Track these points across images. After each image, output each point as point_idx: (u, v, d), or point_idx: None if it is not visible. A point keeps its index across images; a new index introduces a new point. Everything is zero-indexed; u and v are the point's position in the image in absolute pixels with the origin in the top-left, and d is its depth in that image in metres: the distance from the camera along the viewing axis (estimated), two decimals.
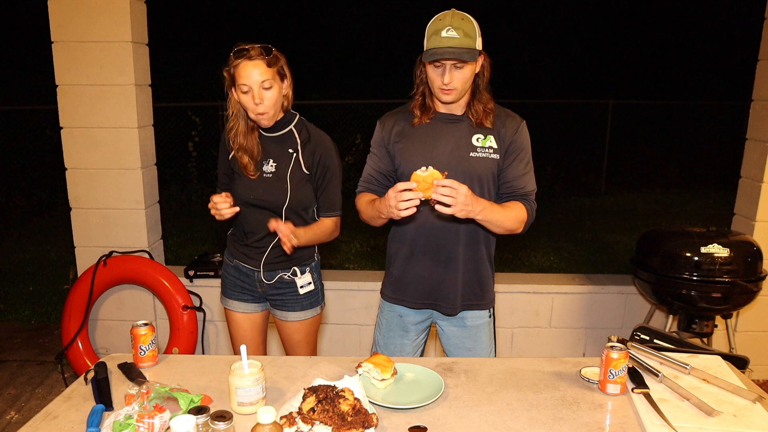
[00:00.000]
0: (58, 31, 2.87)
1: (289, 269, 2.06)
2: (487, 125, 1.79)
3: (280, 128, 1.97)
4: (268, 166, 1.97)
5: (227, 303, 2.17)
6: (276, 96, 1.86)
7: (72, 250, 3.16)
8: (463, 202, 1.54)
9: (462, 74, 1.69)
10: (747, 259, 2.51)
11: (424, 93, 1.82)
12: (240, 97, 1.86)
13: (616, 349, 1.45)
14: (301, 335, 2.15)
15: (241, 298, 2.14)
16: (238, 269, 2.11)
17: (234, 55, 1.83)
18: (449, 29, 1.64)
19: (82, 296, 3.02)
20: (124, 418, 1.24)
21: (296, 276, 2.07)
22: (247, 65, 1.80)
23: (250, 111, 1.87)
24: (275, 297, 2.11)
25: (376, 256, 5.24)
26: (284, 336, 2.19)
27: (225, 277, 2.17)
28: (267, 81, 1.82)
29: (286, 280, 2.07)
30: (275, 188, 1.96)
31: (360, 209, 1.90)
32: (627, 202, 7.79)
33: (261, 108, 1.84)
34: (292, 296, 2.09)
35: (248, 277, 2.10)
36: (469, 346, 1.94)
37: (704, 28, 11.06)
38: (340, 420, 1.24)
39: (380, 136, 1.88)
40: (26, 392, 3.08)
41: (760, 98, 2.97)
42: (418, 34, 1.78)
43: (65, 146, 3.00)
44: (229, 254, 2.15)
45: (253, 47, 1.82)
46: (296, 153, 1.97)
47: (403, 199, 1.53)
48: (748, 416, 1.36)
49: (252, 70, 1.80)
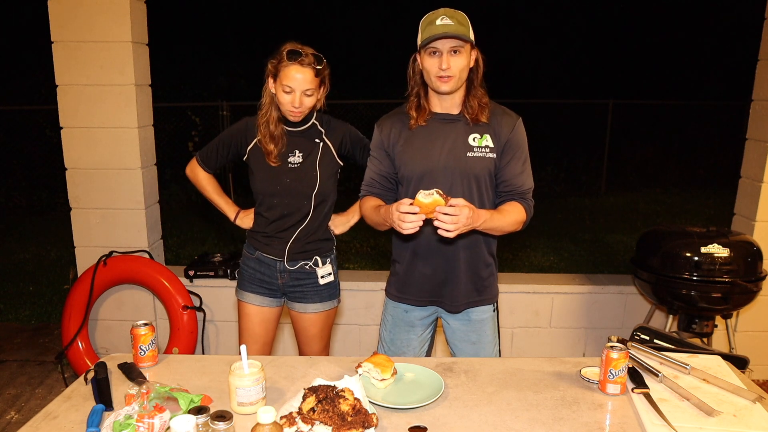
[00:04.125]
0: (58, 31, 2.87)
1: (311, 259, 2.13)
2: (483, 120, 1.80)
3: (304, 122, 2.06)
4: (294, 158, 2.04)
5: (243, 295, 2.20)
6: (312, 102, 1.97)
7: (72, 250, 3.16)
8: (464, 224, 1.56)
9: (459, 61, 1.71)
10: (747, 259, 2.51)
11: (419, 93, 1.83)
12: (279, 94, 1.93)
13: (616, 349, 1.45)
14: (318, 328, 2.20)
15: (259, 291, 2.18)
16: (260, 261, 2.15)
17: (287, 54, 1.89)
18: (443, 17, 1.69)
19: (82, 296, 3.01)
20: (124, 418, 1.24)
21: (317, 266, 2.14)
22: (297, 70, 1.88)
23: (285, 109, 1.96)
24: (294, 288, 2.16)
25: (376, 256, 5.24)
26: (300, 330, 2.22)
27: (244, 270, 2.20)
28: (310, 90, 1.91)
29: (308, 270, 2.14)
30: (305, 176, 2.05)
31: (364, 214, 1.91)
32: (627, 202, 7.79)
33: (298, 110, 1.94)
34: (311, 287, 2.15)
35: (269, 268, 2.14)
36: (473, 339, 1.95)
37: (704, 28, 11.06)
38: (340, 420, 1.24)
39: (379, 140, 1.90)
40: (26, 392, 3.08)
41: (760, 98, 2.97)
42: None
43: (65, 146, 3.00)
44: (251, 247, 2.18)
45: (307, 54, 1.89)
46: (322, 142, 2.07)
47: (407, 220, 1.55)
48: (748, 416, 1.36)
49: (299, 76, 1.88)
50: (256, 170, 2.07)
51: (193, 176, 2.21)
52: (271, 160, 2.02)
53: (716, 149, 8.67)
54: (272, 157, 2.02)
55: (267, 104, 2.01)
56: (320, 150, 2.07)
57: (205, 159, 2.16)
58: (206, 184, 2.21)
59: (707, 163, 8.80)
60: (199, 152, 2.18)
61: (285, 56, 1.89)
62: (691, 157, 8.90)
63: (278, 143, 2.02)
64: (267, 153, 2.02)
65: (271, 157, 2.02)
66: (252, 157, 2.07)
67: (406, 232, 1.57)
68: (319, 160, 2.06)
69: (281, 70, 1.90)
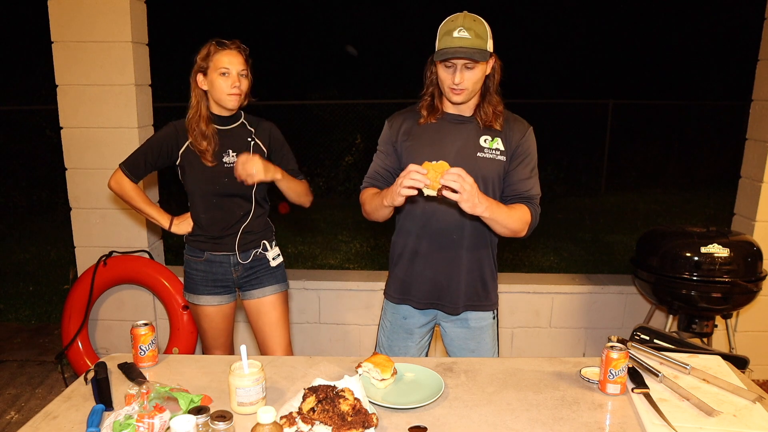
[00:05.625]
0: (58, 31, 2.87)
1: (260, 245, 2.22)
2: (496, 128, 1.79)
3: (234, 121, 2.14)
4: (228, 157, 2.09)
5: (197, 299, 2.23)
6: (247, 86, 2.07)
7: (72, 250, 3.16)
8: (470, 191, 1.54)
9: (473, 75, 1.70)
10: (747, 259, 2.51)
11: (434, 94, 1.82)
12: (215, 81, 2.01)
13: (616, 349, 1.45)
14: (278, 311, 2.26)
15: (213, 291, 2.22)
16: (210, 261, 2.19)
17: (216, 44, 2.02)
18: (461, 30, 1.65)
19: (82, 296, 3.01)
20: (124, 418, 1.24)
21: (267, 250, 2.24)
22: (229, 53, 2.01)
23: (224, 93, 2.01)
24: (249, 278, 2.22)
25: (376, 256, 5.24)
26: (260, 318, 2.26)
27: (192, 274, 2.23)
28: (244, 71, 2.04)
29: (258, 256, 2.22)
30: None
31: (363, 201, 1.90)
32: (627, 202, 7.79)
33: (236, 90, 2.01)
34: (265, 271, 2.24)
35: (221, 266, 2.19)
36: (472, 347, 1.94)
37: (704, 28, 11.06)
38: (340, 420, 1.24)
39: (388, 135, 1.89)
40: (26, 392, 3.08)
41: (760, 98, 2.97)
42: (419, 34, 1.79)
43: (65, 146, 3.00)
44: (196, 250, 2.21)
45: (233, 41, 2.04)
46: (253, 140, 2.15)
47: (410, 177, 1.54)
48: (748, 416, 1.36)
49: (233, 59, 2.01)
50: (192, 172, 2.09)
51: (118, 188, 2.16)
52: (206, 159, 2.05)
53: (716, 149, 8.67)
54: (207, 155, 2.05)
55: (196, 104, 2.07)
56: (251, 149, 2.12)
57: (131, 168, 2.13)
58: (135, 195, 2.17)
59: (707, 163, 8.79)
60: (122, 163, 2.14)
61: (214, 45, 2.02)
62: (691, 157, 8.90)
63: (211, 142, 2.06)
64: (201, 153, 2.05)
65: (206, 156, 2.05)
66: (185, 159, 2.09)
67: (403, 192, 1.55)
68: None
69: (212, 59, 2.00)
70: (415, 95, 1.90)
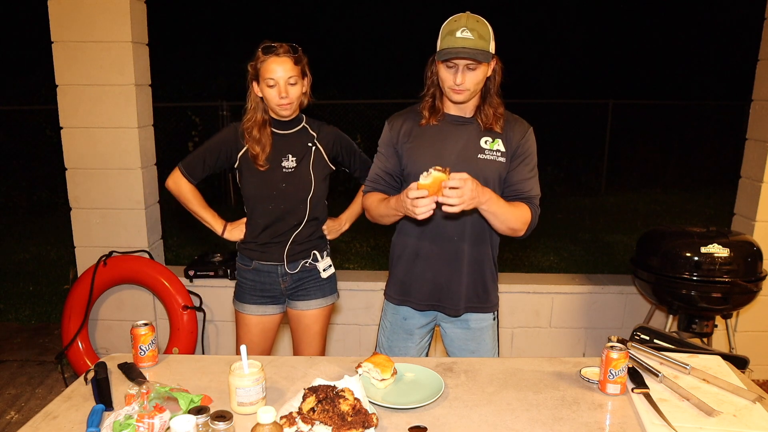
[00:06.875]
0: (58, 31, 2.87)
1: (310, 255, 2.14)
2: (497, 130, 1.79)
3: (295, 125, 2.08)
4: (288, 162, 2.04)
5: (243, 307, 2.18)
6: (299, 92, 1.98)
7: (72, 250, 3.16)
8: (470, 197, 1.54)
9: (474, 76, 1.70)
10: (747, 259, 2.51)
11: (435, 94, 1.81)
12: (264, 91, 1.95)
13: (616, 349, 1.45)
14: (319, 325, 2.21)
15: (260, 301, 2.16)
16: (258, 271, 2.13)
17: (262, 51, 1.93)
18: (464, 30, 1.65)
19: (82, 296, 3.01)
20: (124, 418, 1.24)
21: (317, 261, 2.15)
22: (275, 61, 1.91)
23: (273, 103, 1.95)
24: (297, 289, 2.16)
25: (377, 256, 5.24)
26: (301, 329, 2.21)
27: (242, 283, 2.18)
28: (293, 77, 1.93)
29: (308, 268, 2.15)
30: (299, 180, 2.05)
31: (368, 207, 1.90)
32: (627, 202, 7.79)
33: (285, 100, 1.94)
34: (314, 283, 2.17)
35: (269, 276, 2.13)
36: (472, 348, 1.94)
37: (704, 28, 11.06)
38: (340, 420, 1.24)
39: (388, 136, 1.88)
40: (26, 392, 3.08)
41: (760, 98, 2.97)
42: (419, 34, 1.79)
43: (65, 146, 3.00)
44: (246, 258, 2.15)
45: (281, 45, 1.93)
46: (314, 146, 2.08)
47: (419, 205, 1.54)
48: (748, 416, 1.36)
49: (279, 67, 1.91)
50: (249, 176, 2.05)
51: (176, 188, 2.13)
52: (258, 164, 2.01)
53: (716, 149, 8.67)
54: (259, 160, 2.00)
55: (252, 109, 2.01)
56: (312, 154, 2.07)
57: (190, 169, 2.10)
58: (192, 197, 2.14)
59: (707, 163, 8.79)
60: (181, 163, 2.11)
61: (260, 53, 1.93)
62: (691, 157, 8.90)
63: (265, 147, 2.00)
64: (253, 157, 2.01)
65: (258, 160, 2.00)
66: (244, 162, 2.05)
67: (420, 218, 1.56)
68: (312, 165, 2.06)
69: (260, 68, 1.93)
70: (415, 95, 1.89)
